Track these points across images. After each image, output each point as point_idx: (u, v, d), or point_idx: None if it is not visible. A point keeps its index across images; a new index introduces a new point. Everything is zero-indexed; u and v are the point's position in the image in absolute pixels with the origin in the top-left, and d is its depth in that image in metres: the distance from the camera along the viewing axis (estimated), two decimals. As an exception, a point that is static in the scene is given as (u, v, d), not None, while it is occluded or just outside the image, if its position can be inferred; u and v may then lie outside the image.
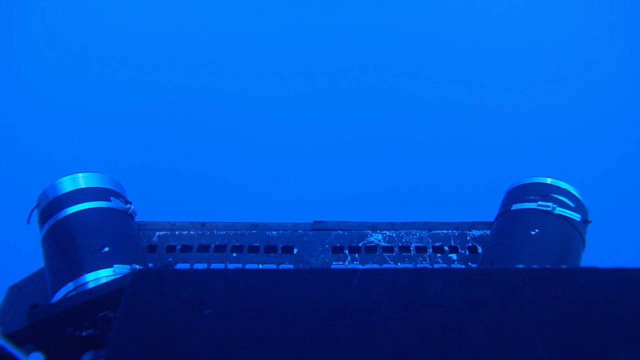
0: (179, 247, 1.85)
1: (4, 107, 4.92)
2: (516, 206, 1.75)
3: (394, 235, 1.89)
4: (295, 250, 1.84)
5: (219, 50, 5.40)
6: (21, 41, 5.27)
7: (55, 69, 5.14)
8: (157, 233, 1.88)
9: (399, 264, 1.81)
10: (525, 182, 1.83)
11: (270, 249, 1.85)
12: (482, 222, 1.93)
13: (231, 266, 1.79)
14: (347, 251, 1.84)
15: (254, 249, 1.85)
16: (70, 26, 5.37)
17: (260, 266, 1.80)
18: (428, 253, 1.84)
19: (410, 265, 1.79)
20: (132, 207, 1.74)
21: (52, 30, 5.34)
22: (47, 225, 1.60)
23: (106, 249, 1.49)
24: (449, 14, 5.62)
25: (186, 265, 1.80)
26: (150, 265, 1.73)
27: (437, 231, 1.91)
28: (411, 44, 5.45)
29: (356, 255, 1.84)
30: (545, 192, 1.74)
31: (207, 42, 5.42)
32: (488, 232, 1.88)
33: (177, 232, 1.89)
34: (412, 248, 1.86)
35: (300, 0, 5.63)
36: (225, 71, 5.30)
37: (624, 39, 5.31)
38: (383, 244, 1.87)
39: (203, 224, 1.91)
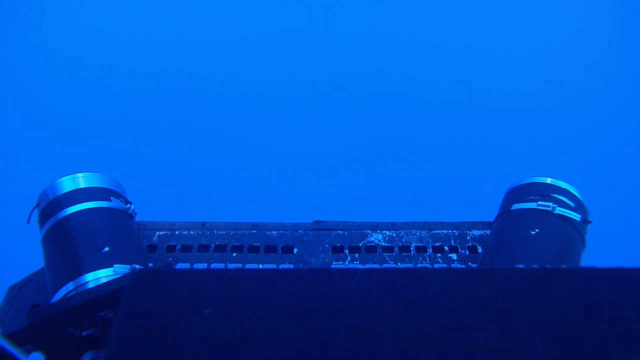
0: (179, 247, 1.85)
1: (3, 107, 4.92)
2: (516, 206, 1.75)
3: (394, 235, 1.89)
4: (295, 250, 1.84)
5: (218, 50, 5.40)
6: (21, 40, 5.27)
7: (55, 68, 5.15)
8: (157, 233, 1.88)
9: (399, 264, 1.80)
10: (525, 182, 1.83)
11: (270, 249, 1.85)
12: (482, 222, 1.93)
13: (231, 266, 1.79)
14: (347, 251, 1.84)
15: (254, 249, 1.85)
16: (70, 26, 5.37)
17: (260, 266, 1.80)
18: (428, 253, 1.84)
19: (410, 265, 1.79)
20: (132, 207, 1.74)
21: (52, 30, 5.34)
22: (47, 225, 1.60)
23: (106, 248, 1.49)
24: (449, 13, 5.62)
25: (186, 265, 1.80)
26: (150, 265, 1.73)
27: (437, 231, 1.91)
28: (411, 44, 5.45)
29: (356, 255, 1.84)
30: (545, 192, 1.74)
31: (207, 42, 5.43)
32: (488, 232, 1.88)
33: (177, 232, 1.89)
34: (412, 248, 1.85)
35: (300, 1, 5.63)
36: (225, 71, 5.30)
37: (624, 38, 5.31)
38: (383, 244, 1.87)
39: (203, 224, 1.91)
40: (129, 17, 5.47)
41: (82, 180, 1.69)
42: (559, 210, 1.68)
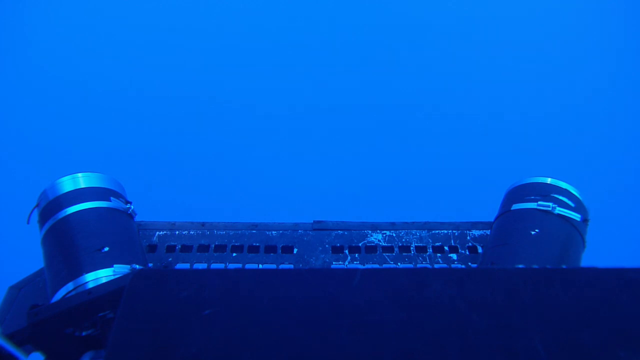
0: (179, 247, 1.85)
1: (3, 107, 4.93)
2: (516, 206, 1.75)
3: (394, 235, 1.89)
4: (295, 250, 1.84)
5: (219, 49, 5.40)
6: (22, 38, 5.28)
7: (55, 67, 5.15)
8: (157, 233, 1.88)
9: (399, 264, 1.81)
10: (525, 182, 1.83)
11: (270, 249, 1.85)
12: (482, 222, 1.93)
13: (231, 266, 1.79)
14: (347, 251, 1.84)
15: (254, 249, 1.85)
16: (70, 24, 5.37)
17: (260, 266, 1.80)
18: (428, 253, 1.84)
19: (410, 265, 1.79)
20: (132, 207, 1.74)
21: (52, 28, 5.34)
22: (47, 225, 1.60)
23: (106, 249, 1.49)
24: (449, 13, 5.62)
25: (186, 265, 1.80)
26: (150, 265, 1.73)
27: (437, 231, 1.91)
28: (411, 44, 5.45)
29: (356, 255, 1.84)
30: (545, 192, 1.74)
31: (207, 41, 5.43)
32: (488, 232, 1.88)
33: (177, 232, 1.89)
34: (412, 248, 1.85)
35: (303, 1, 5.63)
36: (225, 70, 5.30)
37: (623, 38, 5.31)
38: (383, 244, 1.87)
39: (203, 224, 1.91)
40: (129, 17, 5.47)
41: (82, 180, 1.69)
42: (559, 210, 1.68)
